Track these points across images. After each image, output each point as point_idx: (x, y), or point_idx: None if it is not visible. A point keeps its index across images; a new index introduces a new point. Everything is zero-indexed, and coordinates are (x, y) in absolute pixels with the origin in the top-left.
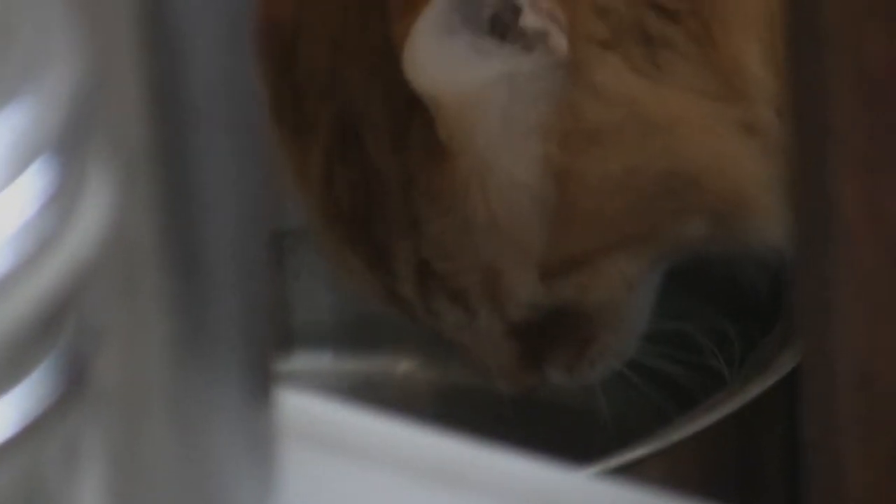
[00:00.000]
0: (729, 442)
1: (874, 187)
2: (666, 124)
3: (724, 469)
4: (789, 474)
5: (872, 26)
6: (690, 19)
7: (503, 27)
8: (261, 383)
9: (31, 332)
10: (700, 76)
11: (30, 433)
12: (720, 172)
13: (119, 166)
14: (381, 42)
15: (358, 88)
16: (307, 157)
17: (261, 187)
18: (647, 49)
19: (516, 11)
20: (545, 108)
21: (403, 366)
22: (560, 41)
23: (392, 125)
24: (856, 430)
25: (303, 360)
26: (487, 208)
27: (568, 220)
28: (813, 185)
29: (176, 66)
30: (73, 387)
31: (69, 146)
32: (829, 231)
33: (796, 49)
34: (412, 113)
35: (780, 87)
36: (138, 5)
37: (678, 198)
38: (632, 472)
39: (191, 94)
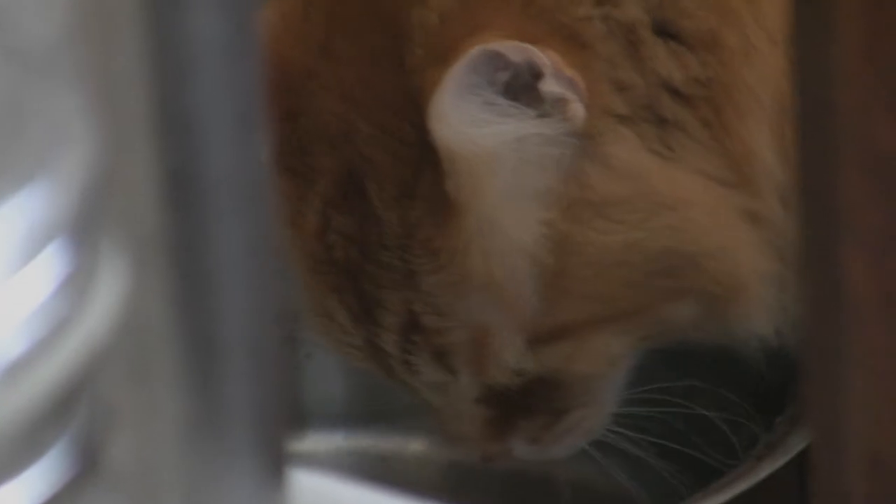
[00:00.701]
0: None
1: (884, 269)
2: (673, 204)
3: None
4: None
5: (882, 110)
6: (703, 104)
7: (521, 89)
8: (274, 465)
9: (46, 414)
10: (710, 161)
11: None
12: (720, 257)
13: (132, 251)
14: (397, 95)
15: (368, 139)
16: (304, 205)
17: (272, 271)
18: (659, 129)
19: (537, 76)
20: (554, 174)
21: (415, 445)
22: (578, 110)
23: (400, 177)
24: None
25: (315, 440)
26: (486, 268)
27: (563, 289)
28: (823, 266)
29: (189, 152)
30: (86, 468)
31: (83, 230)
32: (838, 312)
33: (806, 131)
34: (422, 167)
35: (789, 178)
36: (153, 92)
37: (674, 277)
38: None
39: (203, 181)
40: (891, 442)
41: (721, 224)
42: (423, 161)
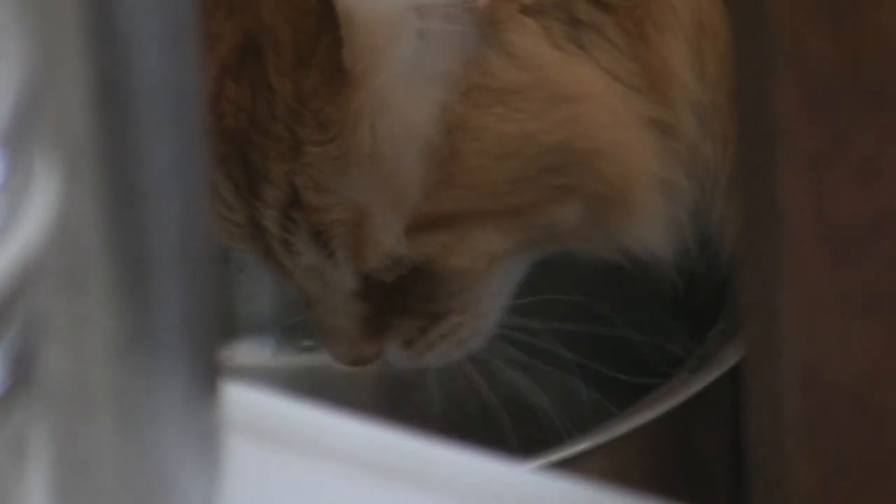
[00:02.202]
0: (672, 437)
1: (818, 185)
2: (573, 96)
3: (668, 464)
4: (733, 469)
5: (817, 24)
6: (624, 14)
7: None
8: (206, 378)
9: None
10: (622, 64)
11: None
12: (614, 157)
13: (64, 162)
14: None
15: (270, 6)
16: None
17: (205, 184)
18: (571, 29)
19: None
20: (455, 58)
21: None
22: None
23: (298, 45)
24: (798, 428)
25: (246, 353)
26: (373, 143)
27: (450, 175)
28: (758, 183)
29: (120, 64)
30: (19, 381)
31: (15, 141)
32: (773, 229)
33: (741, 48)
34: (321, 34)
35: (705, 95)
36: (84, 3)
37: (564, 174)
38: (574, 467)
39: (135, 92)
40: (824, 355)
41: (619, 124)
42: (323, 30)
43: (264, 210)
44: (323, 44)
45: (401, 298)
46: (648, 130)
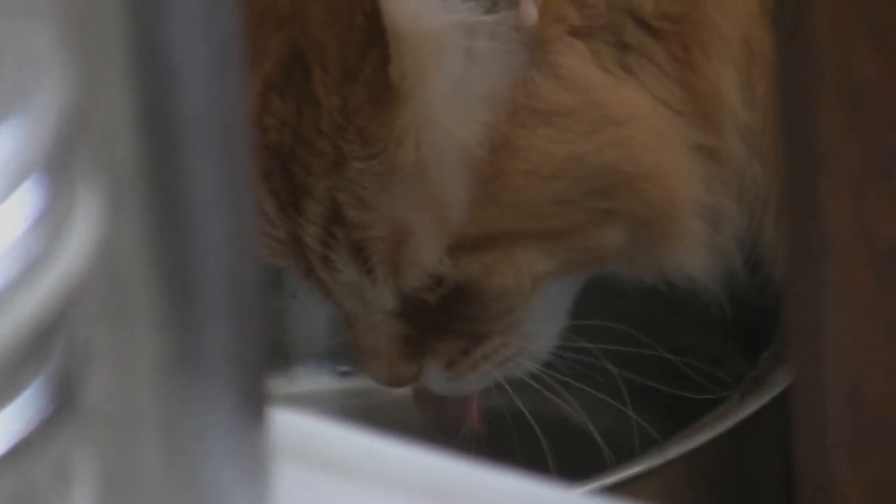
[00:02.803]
0: (725, 460)
1: (863, 207)
2: (620, 119)
3: (719, 488)
4: (785, 494)
5: (860, 49)
6: (673, 39)
7: None
8: (254, 403)
9: (21, 351)
10: (669, 89)
11: (19, 452)
12: (658, 181)
13: (109, 187)
14: None
15: (319, 21)
16: None
17: (251, 209)
18: (618, 52)
19: None
20: (502, 78)
21: None
22: (531, 11)
23: (345, 60)
24: (845, 449)
25: (300, 380)
26: (417, 161)
27: (494, 195)
28: (803, 202)
29: (165, 88)
30: (63, 406)
31: (58, 166)
32: (819, 251)
33: (786, 71)
34: (368, 51)
35: (755, 120)
36: (129, 28)
37: (609, 197)
38: (626, 491)
39: (180, 117)
40: (869, 377)
41: (665, 148)
42: (370, 45)
43: (306, 226)
44: (370, 60)
45: (441, 319)
46: (694, 156)
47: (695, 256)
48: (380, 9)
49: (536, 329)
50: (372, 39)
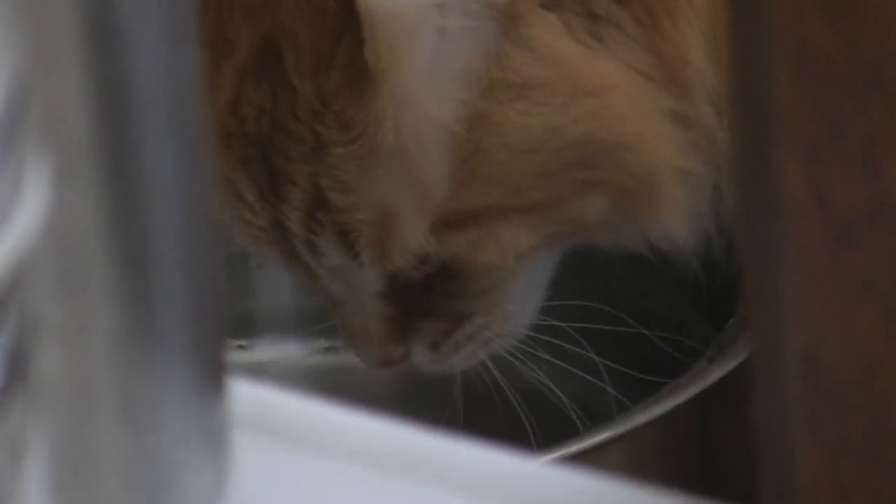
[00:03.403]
0: (691, 426)
1: (816, 172)
2: (595, 89)
3: (686, 453)
4: (751, 458)
5: (812, 11)
6: (638, 5)
7: None
8: (212, 375)
9: None
10: (640, 56)
11: None
12: (638, 149)
13: (60, 160)
14: None
15: (290, 8)
16: (218, 77)
17: (207, 179)
18: (589, 22)
19: None
20: (476, 54)
21: None
22: None
23: (318, 46)
24: (803, 413)
25: (266, 350)
26: (397, 142)
27: (475, 171)
28: (758, 170)
29: (117, 60)
30: (15, 379)
31: (6, 139)
32: (773, 216)
33: (739, 33)
34: (341, 36)
35: (721, 83)
36: (82, 2)
37: (589, 167)
38: (592, 459)
39: (133, 89)
40: (825, 341)
41: (641, 116)
42: (344, 30)
43: (288, 212)
44: (344, 44)
45: (426, 299)
46: (669, 122)
47: (678, 222)
48: None
49: (517, 307)
50: (345, 24)
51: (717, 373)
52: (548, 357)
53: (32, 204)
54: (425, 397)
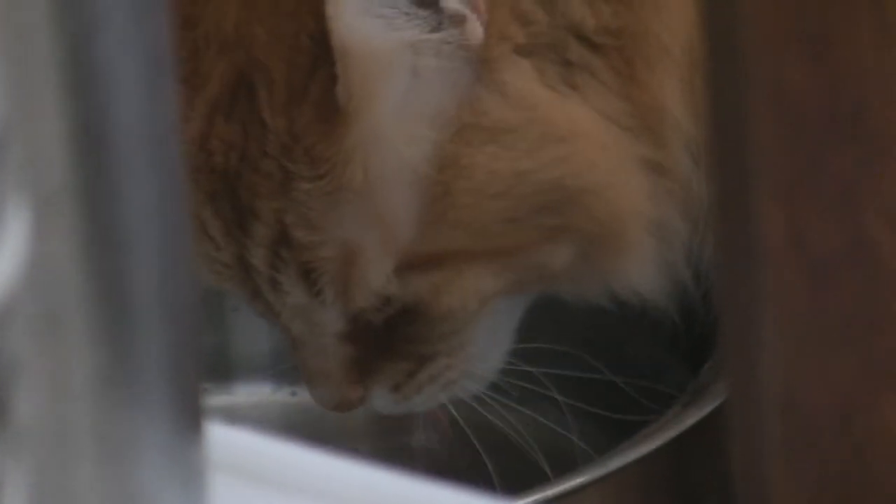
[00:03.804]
0: (666, 471)
1: (794, 216)
2: (565, 135)
3: (661, 499)
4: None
5: (790, 53)
6: (615, 54)
7: (424, 2)
8: (190, 418)
9: None
10: (614, 105)
11: None
12: (606, 197)
13: (39, 202)
14: (297, 1)
15: (263, 44)
16: (190, 111)
17: (185, 224)
18: (563, 69)
19: None
20: (447, 95)
21: None
22: (476, 29)
23: (291, 81)
24: (779, 459)
25: (242, 393)
26: (364, 180)
27: (442, 214)
28: (735, 215)
29: (96, 102)
30: None
31: None
32: (751, 261)
33: (714, 74)
34: (314, 73)
35: (699, 132)
36: (59, 43)
37: (556, 213)
38: (568, 502)
39: (111, 131)
40: (803, 382)
41: (611, 163)
42: (317, 67)
43: (252, 248)
44: (317, 80)
45: (388, 340)
46: (642, 171)
47: (644, 272)
48: (328, 29)
49: (481, 351)
50: (318, 61)
51: (691, 418)
52: (514, 404)
53: (11, 247)
54: (398, 437)
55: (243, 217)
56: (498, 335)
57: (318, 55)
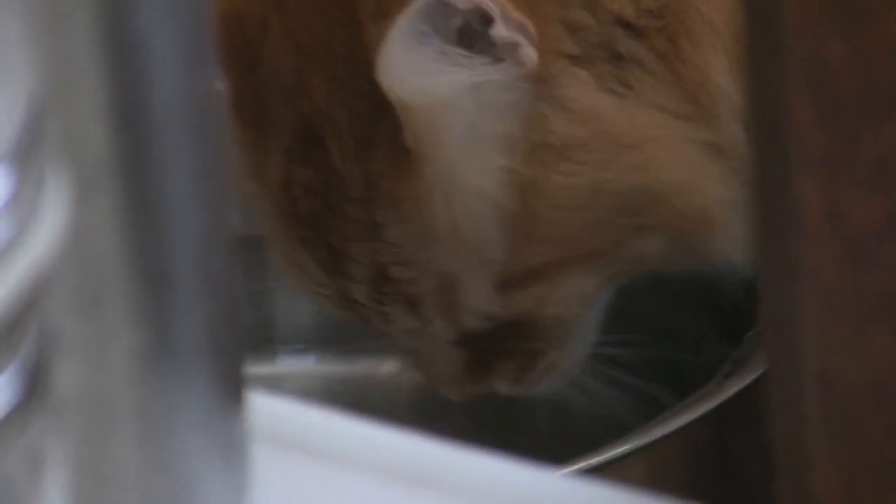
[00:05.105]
0: (709, 440)
1: (831, 190)
2: (634, 142)
3: (704, 468)
4: (769, 473)
5: (827, 26)
6: (657, 35)
7: (473, 37)
8: (231, 389)
9: None
10: (669, 94)
11: None
12: (686, 192)
13: (80, 176)
14: (349, 48)
15: (324, 93)
16: (266, 158)
17: (225, 196)
18: (616, 67)
19: (487, 21)
20: (512, 120)
21: (386, 367)
22: (530, 53)
23: (358, 130)
24: (819, 431)
25: (285, 364)
26: (449, 216)
27: (529, 233)
28: (774, 186)
29: (138, 77)
30: (35, 395)
31: (26, 154)
32: (787, 234)
33: (753, 50)
34: (380, 118)
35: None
36: (99, 17)
37: (641, 215)
38: (611, 471)
39: (152, 105)
40: (840, 359)
41: (682, 159)
42: (381, 112)
43: (354, 286)
44: (383, 126)
45: (500, 344)
46: (707, 157)
47: (735, 247)
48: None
49: (586, 335)
50: (381, 105)
51: (733, 387)
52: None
53: (52, 220)
54: (443, 406)
55: (339, 259)
56: (595, 318)
57: (381, 100)
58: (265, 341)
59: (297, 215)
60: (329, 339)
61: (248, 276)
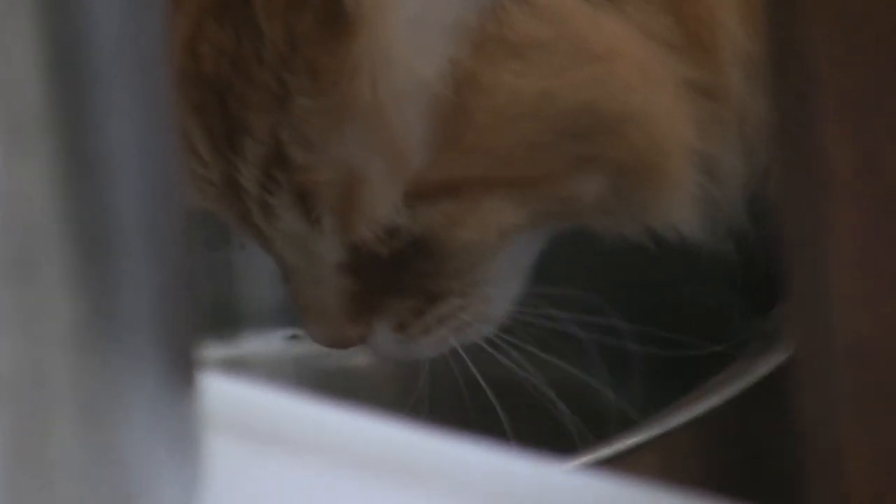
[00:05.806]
0: (732, 426)
1: (864, 142)
2: (600, 54)
3: (726, 457)
4: (797, 461)
5: None
6: None
7: None
8: (181, 371)
9: None
10: (657, 19)
11: None
12: (645, 124)
13: (11, 132)
14: None
15: None
16: (177, 12)
17: (174, 155)
18: None
19: None
20: (469, 7)
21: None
22: None
23: None
24: (849, 408)
25: (250, 344)
26: (372, 99)
27: (458, 137)
28: (797, 142)
29: (74, 19)
30: None
31: None
32: (816, 190)
33: None
34: None
35: (755, 48)
36: None
37: (587, 141)
38: (624, 463)
39: (91, 53)
40: (872, 331)
41: (652, 86)
42: None
43: (243, 167)
44: None
45: (395, 275)
46: (686, 94)
47: (685, 209)
48: None
49: (497, 290)
50: None
51: (762, 368)
52: (539, 353)
53: None
54: (432, 395)
55: (233, 132)
56: (515, 272)
57: None
58: (227, 319)
59: (198, 75)
60: (300, 317)
61: (207, 245)
